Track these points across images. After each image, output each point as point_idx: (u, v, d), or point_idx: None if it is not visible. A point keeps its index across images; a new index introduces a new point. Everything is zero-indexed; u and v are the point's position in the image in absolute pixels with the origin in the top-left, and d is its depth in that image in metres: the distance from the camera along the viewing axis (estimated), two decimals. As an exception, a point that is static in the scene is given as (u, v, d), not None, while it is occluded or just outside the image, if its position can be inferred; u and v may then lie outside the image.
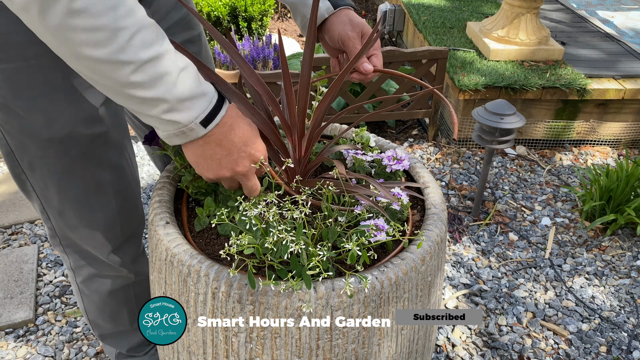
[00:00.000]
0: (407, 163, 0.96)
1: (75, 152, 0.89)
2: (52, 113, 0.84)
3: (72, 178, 0.92)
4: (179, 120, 0.68)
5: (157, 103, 0.65)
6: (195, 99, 0.68)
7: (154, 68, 0.62)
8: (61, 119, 0.85)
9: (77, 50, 0.59)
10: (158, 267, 0.88)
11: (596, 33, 3.06)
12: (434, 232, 0.88)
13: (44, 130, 0.85)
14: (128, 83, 0.62)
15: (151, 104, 0.65)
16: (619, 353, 1.57)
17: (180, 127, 0.69)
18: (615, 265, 1.90)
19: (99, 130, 0.90)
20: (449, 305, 1.71)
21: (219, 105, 0.71)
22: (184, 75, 0.66)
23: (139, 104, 0.65)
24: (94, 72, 0.62)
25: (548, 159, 2.51)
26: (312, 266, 0.73)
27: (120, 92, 0.64)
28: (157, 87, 0.63)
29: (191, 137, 0.71)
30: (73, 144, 0.88)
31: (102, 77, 0.62)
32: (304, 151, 0.83)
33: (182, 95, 0.66)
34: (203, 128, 0.70)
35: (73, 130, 0.86)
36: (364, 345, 0.81)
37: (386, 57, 2.34)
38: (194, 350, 0.86)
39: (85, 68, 0.62)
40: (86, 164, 0.92)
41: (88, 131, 0.88)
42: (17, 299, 1.65)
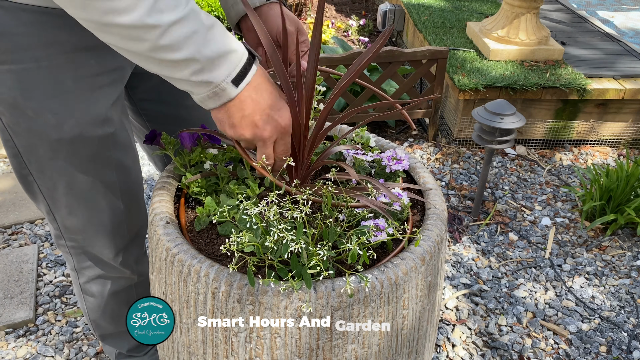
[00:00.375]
0: (407, 163, 0.96)
1: (85, 153, 0.89)
2: (62, 114, 0.84)
3: (81, 179, 0.92)
4: (211, 80, 0.67)
5: (188, 64, 0.64)
6: (225, 56, 0.67)
7: (182, 29, 0.62)
8: (71, 120, 0.85)
9: (104, 19, 0.59)
10: (158, 267, 0.88)
11: (596, 33, 3.06)
12: (434, 232, 0.88)
13: (53, 131, 0.85)
14: (157, 47, 0.62)
15: (183, 66, 0.65)
16: (619, 353, 1.57)
17: (213, 87, 0.68)
18: (615, 265, 1.90)
19: (107, 131, 0.90)
20: (449, 306, 1.71)
21: (249, 63, 0.70)
22: (212, 33, 0.65)
23: (171, 67, 0.65)
24: (122, 39, 0.61)
25: (548, 159, 2.51)
26: (312, 265, 0.73)
27: (150, 58, 0.64)
28: (187, 48, 0.63)
29: (223, 98, 0.70)
30: (82, 145, 0.88)
31: (131, 44, 0.62)
32: (307, 152, 0.83)
33: (212, 54, 0.65)
34: (235, 87, 0.69)
35: (83, 131, 0.86)
36: (364, 345, 0.81)
37: (386, 57, 2.34)
38: (194, 350, 0.86)
39: (113, 37, 0.62)
40: (95, 164, 0.92)
41: (97, 132, 0.88)
42: (17, 298, 1.65)
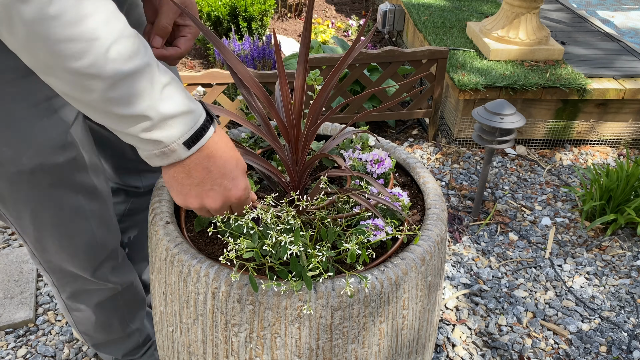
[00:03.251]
0: (389, 163, 0.95)
1: (47, 182, 0.85)
2: (18, 145, 0.78)
3: (47, 207, 0.88)
4: (161, 139, 0.61)
5: (138, 120, 0.59)
6: (180, 115, 0.61)
7: (135, 82, 0.56)
8: (29, 151, 0.80)
9: (49, 61, 0.53)
10: (158, 267, 0.88)
11: (596, 33, 3.06)
12: (434, 232, 0.88)
13: (11, 164, 0.80)
14: (106, 99, 0.56)
15: (132, 121, 0.59)
16: (619, 353, 1.57)
17: (162, 147, 0.62)
18: (616, 265, 1.90)
19: (69, 156, 0.85)
20: (449, 305, 1.71)
21: (206, 125, 0.64)
22: (168, 90, 0.60)
23: (118, 121, 0.59)
24: (68, 85, 0.55)
25: (548, 158, 2.51)
26: (312, 267, 0.73)
27: (97, 109, 0.58)
28: (139, 103, 0.58)
29: (172, 159, 0.64)
30: (44, 174, 0.83)
31: (77, 91, 0.56)
32: (301, 150, 0.83)
33: (166, 112, 0.60)
34: (186, 150, 0.63)
35: (43, 160, 0.81)
36: (364, 345, 0.81)
37: (386, 57, 2.34)
38: (194, 350, 0.86)
39: (58, 81, 0.56)
40: (59, 191, 0.87)
41: (58, 159, 0.83)
42: (17, 298, 1.65)
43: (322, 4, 4.45)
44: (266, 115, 0.85)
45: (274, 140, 0.83)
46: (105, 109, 0.57)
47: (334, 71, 0.78)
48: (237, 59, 0.77)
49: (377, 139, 1.01)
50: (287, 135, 0.82)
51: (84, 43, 0.52)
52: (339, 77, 0.79)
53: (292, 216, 0.74)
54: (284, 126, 0.81)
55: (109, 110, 0.57)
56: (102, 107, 0.57)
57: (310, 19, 0.74)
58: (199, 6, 3.36)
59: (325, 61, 2.28)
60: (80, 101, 0.58)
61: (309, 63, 0.82)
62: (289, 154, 0.84)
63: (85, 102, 0.57)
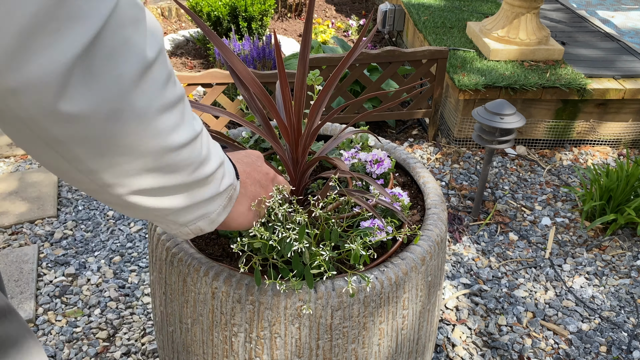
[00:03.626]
0: (388, 163, 0.95)
1: None
2: None
3: None
4: (230, 181, 0.59)
5: (217, 172, 0.56)
6: (224, 156, 0.58)
7: (206, 138, 0.53)
8: None
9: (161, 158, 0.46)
10: (158, 268, 0.88)
11: (596, 33, 3.06)
12: (434, 232, 0.88)
13: None
14: (200, 163, 0.52)
15: (218, 174, 0.56)
16: (619, 353, 1.57)
17: (231, 188, 0.60)
18: (615, 265, 1.90)
19: None
20: (449, 305, 1.71)
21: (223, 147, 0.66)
22: (220, 162, 0.57)
23: (204, 185, 0.54)
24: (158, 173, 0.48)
25: (548, 158, 2.51)
26: (315, 265, 0.73)
27: (184, 186, 0.52)
28: (214, 157, 0.55)
29: (235, 193, 0.62)
30: None
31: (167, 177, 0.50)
32: (302, 151, 0.83)
33: (224, 157, 0.58)
34: (236, 177, 0.63)
35: None
36: (364, 345, 0.81)
37: (386, 57, 2.34)
38: (193, 350, 0.86)
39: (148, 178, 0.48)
40: None
41: None
42: (18, 298, 1.65)
43: (322, 4, 4.44)
44: (266, 116, 0.85)
45: (274, 141, 0.83)
46: (196, 177, 0.52)
47: (336, 72, 0.78)
48: (238, 58, 0.77)
49: (378, 139, 1.01)
50: (287, 136, 0.82)
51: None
52: (339, 77, 0.79)
53: (299, 214, 0.74)
54: (284, 126, 0.81)
55: (198, 176, 0.52)
56: (194, 178, 0.52)
57: (311, 19, 0.74)
58: (198, 6, 3.36)
59: (326, 61, 2.28)
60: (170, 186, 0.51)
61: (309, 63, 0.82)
62: (289, 154, 0.84)
63: (176, 183, 0.51)
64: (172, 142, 0.45)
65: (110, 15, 0.36)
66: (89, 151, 0.40)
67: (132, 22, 0.38)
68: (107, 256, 1.85)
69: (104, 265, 1.81)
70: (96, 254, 1.85)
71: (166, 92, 0.43)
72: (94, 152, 0.40)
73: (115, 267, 1.80)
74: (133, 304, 1.67)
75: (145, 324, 1.60)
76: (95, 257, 1.84)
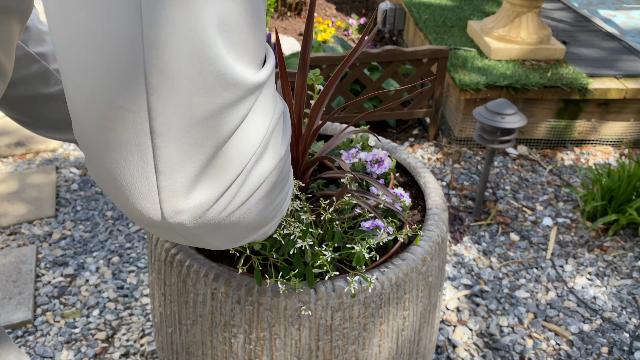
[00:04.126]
0: (389, 163, 0.94)
1: None
2: None
3: None
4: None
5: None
6: None
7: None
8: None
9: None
10: (157, 268, 0.87)
11: (598, 32, 3.05)
12: (434, 233, 0.87)
13: None
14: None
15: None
16: (621, 354, 1.56)
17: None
18: (617, 266, 1.89)
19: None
20: (450, 306, 1.70)
21: None
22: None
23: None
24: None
25: (549, 158, 2.50)
26: (317, 265, 0.72)
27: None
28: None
29: None
30: None
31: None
32: (302, 151, 0.83)
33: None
34: None
35: None
36: (364, 347, 0.80)
37: (387, 57, 2.33)
38: (193, 351, 0.86)
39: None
40: None
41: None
42: (16, 299, 1.64)
43: (323, 3, 4.44)
44: None
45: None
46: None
47: (337, 72, 0.77)
48: None
49: (378, 139, 1.01)
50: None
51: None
52: (340, 77, 0.78)
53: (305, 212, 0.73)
54: (284, 125, 0.80)
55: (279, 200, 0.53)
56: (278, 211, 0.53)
57: (312, 19, 0.73)
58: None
59: (326, 60, 2.27)
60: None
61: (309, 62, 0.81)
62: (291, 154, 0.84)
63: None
64: (279, 203, 0.49)
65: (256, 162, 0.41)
66: (215, 236, 0.44)
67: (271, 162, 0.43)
68: (106, 257, 1.84)
69: (102, 266, 1.80)
70: (95, 255, 1.85)
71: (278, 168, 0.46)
72: (217, 236, 0.44)
73: (114, 267, 1.80)
74: (132, 304, 1.66)
75: (144, 324, 1.60)
76: (94, 258, 1.83)
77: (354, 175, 0.78)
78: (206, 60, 0.33)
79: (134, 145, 0.34)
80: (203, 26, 0.32)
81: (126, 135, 0.34)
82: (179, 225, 0.38)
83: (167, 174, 0.35)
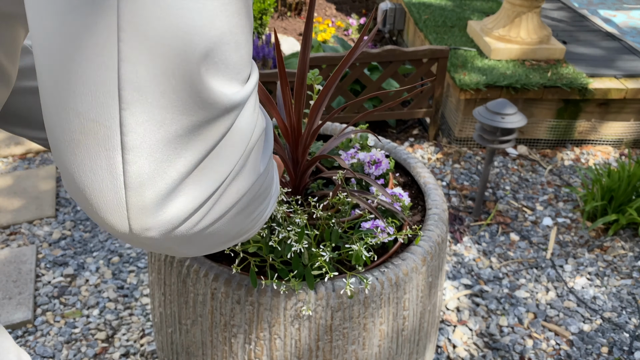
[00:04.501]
0: (387, 164, 0.94)
1: None
2: None
3: None
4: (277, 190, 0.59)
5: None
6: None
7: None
8: None
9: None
10: (157, 268, 0.87)
11: (598, 32, 3.05)
12: (434, 232, 0.87)
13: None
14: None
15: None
16: (621, 354, 1.56)
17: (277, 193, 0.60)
18: (617, 266, 1.89)
19: None
20: (450, 306, 1.70)
21: None
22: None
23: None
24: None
25: (549, 158, 2.50)
26: (316, 267, 0.72)
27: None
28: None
29: None
30: None
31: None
32: (302, 151, 0.82)
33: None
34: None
35: None
36: (364, 346, 0.80)
37: (387, 56, 2.33)
38: (193, 351, 0.85)
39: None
40: None
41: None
42: (16, 299, 1.64)
43: (323, 3, 4.44)
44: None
45: (274, 140, 0.82)
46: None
47: (336, 72, 0.77)
48: None
49: (378, 139, 1.01)
50: (287, 136, 0.81)
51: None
52: (340, 77, 0.78)
53: (299, 214, 0.73)
54: (284, 126, 0.80)
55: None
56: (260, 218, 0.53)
57: (312, 19, 0.73)
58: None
59: (326, 60, 2.27)
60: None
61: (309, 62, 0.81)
62: (289, 154, 0.83)
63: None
64: (261, 214, 0.48)
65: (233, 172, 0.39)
66: (188, 247, 0.43)
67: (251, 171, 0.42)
68: (106, 256, 1.84)
69: (102, 266, 1.80)
70: (95, 255, 1.85)
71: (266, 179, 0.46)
72: (191, 248, 0.43)
73: (113, 267, 1.80)
74: (132, 304, 1.66)
75: (144, 324, 1.60)
76: (94, 258, 1.83)
77: (353, 174, 0.78)
78: (182, 77, 0.32)
79: (104, 159, 0.33)
80: (181, 44, 0.31)
81: (96, 149, 0.33)
82: (149, 239, 0.37)
83: (136, 190, 0.34)
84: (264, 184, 0.45)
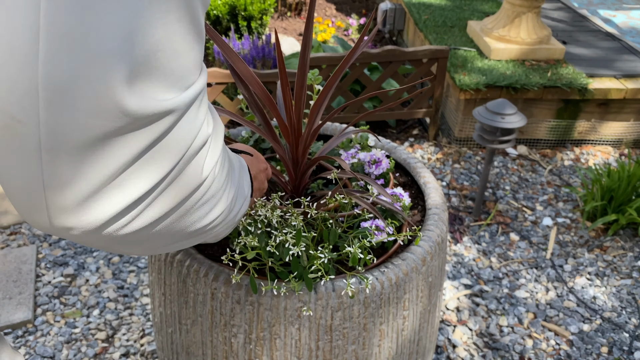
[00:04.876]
0: (386, 164, 0.94)
1: None
2: None
3: None
4: (247, 195, 0.61)
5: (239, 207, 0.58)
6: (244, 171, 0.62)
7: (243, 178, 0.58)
8: None
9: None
10: (157, 268, 0.87)
11: (597, 32, 3.05)
12: (434, 233, 0.87)
13: None
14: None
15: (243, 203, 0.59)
16: (620, 354, 1.56)
17: (247, 198, 0.62)
18: (617, 266, 1.89)
19: None
20: (450, 306, 1.70)
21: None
22: (243, 176, 0.60)
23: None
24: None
25: (549, 158, 2.50)
26: (314, 269, 0.72)
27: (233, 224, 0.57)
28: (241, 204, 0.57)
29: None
30: None
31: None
32: (302, 151, 0.83)
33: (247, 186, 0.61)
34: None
35: None
36: (364, 347, 0.81)
37: (387, 57, 2.33)
38: (193, 351, 0.86)
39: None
40: None
41: None
42: (16, 299, 1.64)
43: (323, 3, 4.44)
44: (266, 115, 0.84)
45: (275, 140, 0.82)
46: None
47: (336, 72, 0.77)
48: (239, 57, 0.76)
49: (378, 139, 1.01)
50: (287, 136, 0.81)
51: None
52: (340, 77, 0.79)
53: (295, 217, 0.73)
54: (284, 126, 0.80)
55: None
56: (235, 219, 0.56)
57: (312, 19, 0.73)
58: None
59: (326, 60, 2.27)
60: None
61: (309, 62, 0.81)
62: (289, 154, 0.83)
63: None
64: (207, 222, 0.49)
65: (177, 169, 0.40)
66: (126, 248, 0.44)
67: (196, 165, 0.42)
68: (106, 256, 1.84)
69: (102, 266, 1.80)
70: (95, 255, 1.85)
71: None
72: (130, 248, 0.44)
73: (114, 267, 1.80)
74: (132, 304, 1.66)
75: (144, 324, 1.60)
76: (94, 258, 1.83)
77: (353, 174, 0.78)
78: (105, 84, 0.32)
79: (23, 157, 0.33)
80: (105, 50, 0.31)
81: (17, 146, 0.33)
82: (75, 238, 0.37)
83: (56, 190, 0.34)
84: (209, 191, 0.45)
